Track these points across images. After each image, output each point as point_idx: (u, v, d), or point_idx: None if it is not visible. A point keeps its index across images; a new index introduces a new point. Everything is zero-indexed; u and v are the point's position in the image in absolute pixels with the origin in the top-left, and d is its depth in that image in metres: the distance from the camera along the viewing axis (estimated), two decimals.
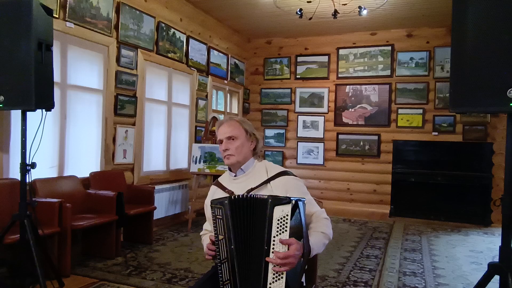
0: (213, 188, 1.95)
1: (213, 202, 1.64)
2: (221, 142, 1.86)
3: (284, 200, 1.51)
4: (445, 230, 5.61)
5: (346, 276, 3.53)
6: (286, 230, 1.49)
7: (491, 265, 1.90)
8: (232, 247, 1.58)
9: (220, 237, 1.60)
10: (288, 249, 1.48)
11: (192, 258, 3.91)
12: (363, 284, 3.34)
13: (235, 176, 1.87)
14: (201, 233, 2.04)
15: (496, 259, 1.90)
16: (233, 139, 1.83)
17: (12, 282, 2.97)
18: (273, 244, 1.49)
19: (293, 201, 1.50)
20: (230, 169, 1.91)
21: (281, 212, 1.49)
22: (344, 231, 5.35)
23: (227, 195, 1.80)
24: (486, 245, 4.81)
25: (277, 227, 1.50)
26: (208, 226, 1.96)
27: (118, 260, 3.75)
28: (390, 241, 4.85)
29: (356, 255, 4.22)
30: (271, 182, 1.77)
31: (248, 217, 1.58)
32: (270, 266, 1.49)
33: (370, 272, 3.68)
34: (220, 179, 1.96)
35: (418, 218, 6.28)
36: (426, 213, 6.28)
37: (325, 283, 3.33)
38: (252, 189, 1.77)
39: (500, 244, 1.88)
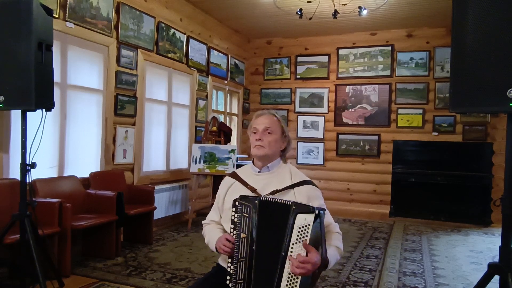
0: (229, 180, 1.89)
1: (243, 198, 1.62)
2: (255, 131, 1.82)
3: (307, 209, 1.48)
4: (445, 230, 5.61)
5: (346, 276, 3.54)
6: (306, 239, 1.46)
7: (491, 265, 1.90)
8: (253, 248, 1.56)
9: (243, 235, 1.58)
10: (306, 255, 1.46)
11: (192, 258, 3.91)
12: (363, 284, 3.34)
13: (259, 171, 1.84)
14: (203, 222, 1.97)
15: (496, 259, 1.90)
16: (269, 132, 1.79)
17: (12, 282, 2.97)
18: (291, 252, 1.47)
19: (316, 211, 1.47)
20: (253, 163, 1.87)
21: (303, 220, 1.47)
22: (344, 231, 5.31)
23: (249, 190, 1.77)
24: (486, 245, 4.81)
25: (297, 235, 1.47)
26: (214, 216, 1.92)
27: (118, 260, 3.75)
28: (390, 241, 4.84)
29: (356, 255, 4.22)
30: (295, 188, 1.75)
31: (271, 220, 1.55)
32: (285, 273, 1.47)
33: (370, 272, 3.68)
34: (239, 172, 1.91)
35: (418, 218, 6.28)
36: (426, 213, 6.28)
37: (325, 283, 3.33)
38: (277, 191, 1.74)
39: (500, 244, 1.87)
